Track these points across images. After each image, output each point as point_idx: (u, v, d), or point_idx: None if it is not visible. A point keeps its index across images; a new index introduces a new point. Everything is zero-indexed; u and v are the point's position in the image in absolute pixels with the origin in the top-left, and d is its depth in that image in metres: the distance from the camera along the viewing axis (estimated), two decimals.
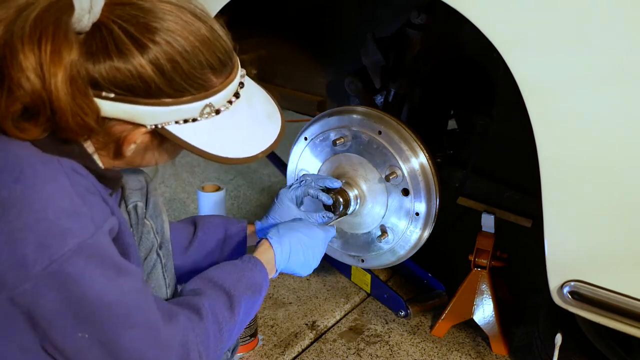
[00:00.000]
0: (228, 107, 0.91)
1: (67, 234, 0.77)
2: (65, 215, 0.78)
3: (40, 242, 0.76)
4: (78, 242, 0.78)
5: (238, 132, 0.94)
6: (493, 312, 1.70)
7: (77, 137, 0.84)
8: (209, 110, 0.88)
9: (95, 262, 0.80)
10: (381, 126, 1.46)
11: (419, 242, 1.54)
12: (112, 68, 0.81)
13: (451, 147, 1.87)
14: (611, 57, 1.04)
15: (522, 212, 1.62)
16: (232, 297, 1.04)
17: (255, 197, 2.85)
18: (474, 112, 1.79)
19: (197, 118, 0.88)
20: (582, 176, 1.13)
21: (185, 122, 0.87)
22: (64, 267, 0.77)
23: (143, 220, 1.26)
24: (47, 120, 0.80)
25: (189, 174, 3.12)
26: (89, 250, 0.79)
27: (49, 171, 0.79)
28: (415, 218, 1.49)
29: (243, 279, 1.08)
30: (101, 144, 0.90)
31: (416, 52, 1.61)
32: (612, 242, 1.15)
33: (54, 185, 0.78)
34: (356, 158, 1.52)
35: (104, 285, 0.81)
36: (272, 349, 1.72)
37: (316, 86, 2.01)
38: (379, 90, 1.75)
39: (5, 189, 0.76)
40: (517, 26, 1.11)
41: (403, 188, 1.48)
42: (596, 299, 1.20)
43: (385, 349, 1.75)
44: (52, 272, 0.76)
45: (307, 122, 1.60)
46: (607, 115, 1.07)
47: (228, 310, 1.02)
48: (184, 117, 0.87)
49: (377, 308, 1.95)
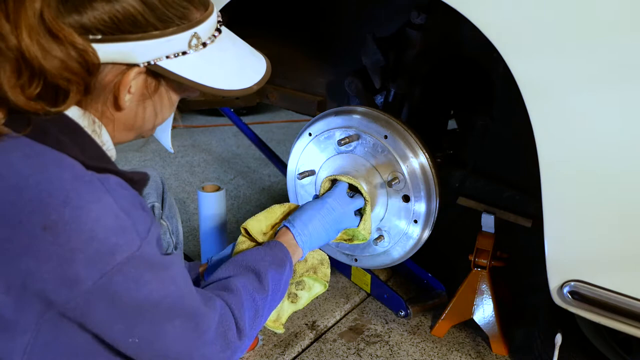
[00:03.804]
0: (214, 40, 0.93)
1: (116, 249, 0.80)
2: (112, 232, 0.80)
3: (91, 260, 0.78)
4: (127, 255, 0.81)
5: (229, 65, 0.96)
6: (493, 312, 1.71)
7: (72, 94, 0.83)
8: (196, 41, 0.89)
9: (143, 269, 0.83)
10: (388, 130, 1.45)
11: (415, 248, 1.55)
12: (96, 8, 0.81)
13: (451, 147, 1.87)
14: (611, 57, 1.03)
15: (522, 212, 1.62)
16: (259, 272, 1.09)
17: (255, 197, 2.85)
18: (474, 112, 1.79)
19: (187, 51, 0.89)
20: (582, 176, 1.13)
21: (175, 57, 0.88)
22: (114, 278, 0.80)
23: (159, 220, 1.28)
24: (33, 77, 0.79)
25: (189, 174, 3.12)
26: (137, 260, 0.82)
27: (93, 192, 0.81)
28: (413, 225, 1.50)
29: (266, 257, 1.14)
30: (100, 106, 0.90)
31: (416, 52, 1.61)
32: (612, 242, 1.15)
33: (99, 205, 0.80)
34: (360, 159, 1.51)
35: (151, 286, 0.84)
36: (272, 349, 1.72)
37: (316, 86, 2.01)
38: (379, 90, 1.75)
39: (54, 212, 0.77)
40: (517, 26, 1.11)
41: (404, 194, 1.48)
42: (596, 299, 1.20)
43: (385, 349, 1.75)
44: (102, 284, 0.79)
45: (313, 118, 1.59)
46: (607, 115, 1.07)
47: (258, 283, 1.08)
48: (174, 51, 0.88)
49: (377, 308, 1.95)
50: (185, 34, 0.88)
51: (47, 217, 0.77)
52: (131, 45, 0.84)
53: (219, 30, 0.95)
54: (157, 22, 0.85)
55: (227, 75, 0.95)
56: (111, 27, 0.82)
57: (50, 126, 0.83)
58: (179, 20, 0.87)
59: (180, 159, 3.34)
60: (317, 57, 1.97)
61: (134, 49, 0.84)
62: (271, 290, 1.09)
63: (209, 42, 0.92)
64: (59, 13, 0.79)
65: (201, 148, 3.55)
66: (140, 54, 0.85)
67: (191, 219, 2.59)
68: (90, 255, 0.78)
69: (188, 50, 0.89)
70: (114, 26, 0.82)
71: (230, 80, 0.95)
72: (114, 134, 0.94)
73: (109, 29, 0.82)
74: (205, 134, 3.82)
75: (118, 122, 0.93)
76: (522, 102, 1.13)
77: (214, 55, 0.93)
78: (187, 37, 0.88)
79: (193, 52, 0.90)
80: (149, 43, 0.85)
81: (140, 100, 0.92)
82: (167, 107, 0.98)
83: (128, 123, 0.94)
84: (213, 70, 0.92)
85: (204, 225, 2.03)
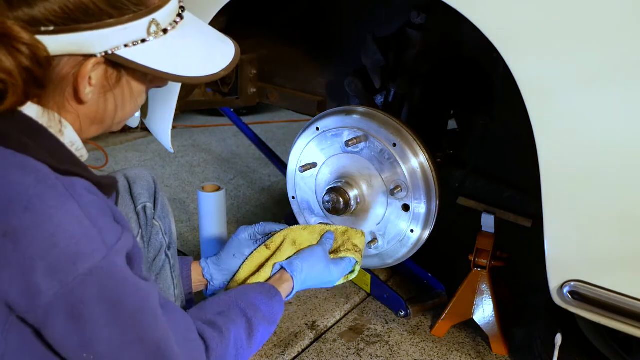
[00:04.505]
0: (175, 26, 0.90)
1: (78, 259, 0.77)
2: (74, 240, 0.77)
3: (51, 269, 0.75)
4: (89, 266, 0.78)
5: (193, 52, 0.92)
6: (493, 312, 1.70)
7: (9, 95, 0.80)
8: (155, 28, 0.86)
9: (107, 283, 0.79)
10: (397, 139, 1.45)
11: (408, 254, 1.55)
12: (46, 0, 0.79)
13: (451, 147, 1.87)
14: (612, 57, 1.03)
15: (522, 212, 1.62)
16: (252, 325, 1.07)
17: (255, 197, 2.85)
18: (474, 112, 1.79)
19: (146, 38, 0.86)
20: (582, 176, 1.12)
21: (134, 45, 0.85)
22: (75, 291, 0.77)
23: (152, 221, 1.27)
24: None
25: (189, 174, 3.12)
26: (101, 272, 0.79)
27: (56, 197, 0.78)
28: (409, 234, 1.50)
29: (263, 308, 1.11)
30: (59, 99, 0.86)
31: (416, 52, 1.61)
32: (612, 242, 1.15)
33: (61, 212, 0.77)
34: (365, 163, 1.51)
35: (114, 306, 0.80)
36: (272, 349, 1.72)
37: (316, 86, 2.00)
38: (379, 90, 1.75)
39: (15, 218, 0.75)
40: (517, 26, 1.11)
41: (404, 204, 1.48)
42: (596, 299, 1.20)
43: (385, 349, 1.75)
44: (62, 295, 0.76)
45: (322, 113, 1.59)
46: (607, 114, 1.07)
47: (247, 338, 1.05)
48: (132, 39, 0.85)
49: (377, 308, 1.95)
50: (143, 20, 0.85)
51: (8, 223, 0.74)
52: (86, 35, 0.81)
53: (180, 16, 0.91)
54: (112, 9, 0.82)
55: (192, 62, 0.91)
56: (63, 17, 0.79)
57: (10, 128, 0.80)
58: (135, 7, 0.84)
59: (180, 159, 3.34)
60: (317, 57, 1.97)
61: (89, 38, 0.81)
62: (255, 347, 1.08)
63: (169, 29, 0.89)
64: (6, 7, 0.77)
65: (201, 148, 3.55)
66: (96, 44, 0.82)
67: (191, 219, 2.59)
68: (50, 263, 0.75)
69: (147, 37, 0.86)
70: (65, 16, 0.79)
71: (195, 67, 0.92)
72: (81, 130, 0.91)
73: (60, 19, 0.79)
74: (205, 134, 3.82)
75: (82, 117, 0.90)
76: (522, 102, 1.13)
77: (177, 42, 0.89)
78: (144, 24, 0.85)
79: (153, 40, 0.86)
80: (104, 32, 0.82)
81: (101, 93, 0.89)
82: (131, 98, 0.94)
83: (92, 116, 0.91)
84: (176, 58, 0.89)
85: (204, 225, 2.03)
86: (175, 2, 0.91)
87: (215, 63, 0.94)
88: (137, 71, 0.88)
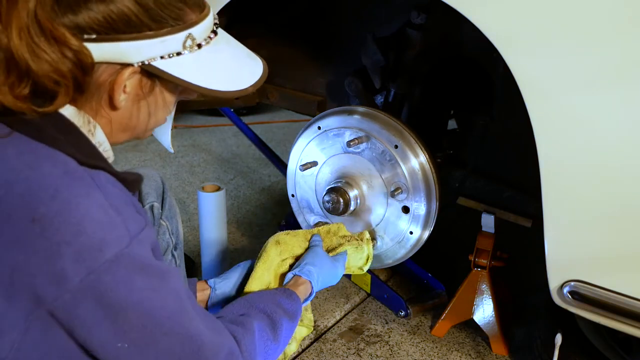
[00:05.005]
0: (209, 41, 0.93)
1: (104, 245, 0.79)
2: (100, 227, 0.79)
3: (78, 255, 0.77)
4: (115, 252, 0.80)
5: (224, 67, 0.96)
6: (493, 312, 1.70)
7: (60, 95, 0.83)
8: (190, 42, 0.90)
9: (133, 270, 0.81)
10: (399, 140, 1.45)
11: (407, 255, 1.55)
12: (90, 9, 0.82)
13: (451, 147, 1.87)
14: (612, 57, 1.03)
15: (522, 212, 1.62)
16: (274, 321, 1.10)
17: (255, 197, 2.85)
18: (474, 112, 1.79)
19: (181, 51, 0.89)
20: (582, 176, 1.13)
21: (170, 57, 0.88)
22: (102, 277, 0.79)
23: (159, 220, 1.27)
24: (22, 77, 0.80)
25: (189, 174, 3.12)
26: (126, 259, 0.81)
27: (83, 187, 0.81)
28: (408, 236, 1.50)
29: (283, 305, 1.15)
30: (95, 104, 0.90)
31: (416, 52, 1.61)
32: (612, 242, 1.15)
33: (88, 200, 0.80)
34: (366, 163, 1.51)
35: (143, 292, 0.82)
36: None
37: (316, 86, 2.00)
38: (379, 90, 1.75)
39: (43, 206, 0.77)
40: (517, 26, 1.11)
41: (404, 205, 1.48)
42: (596, 299, 1.20)
43: (385, 349, 1.75)
44: (90, 282, 0.78)
45: (324, 112, 1.59)
46: (607, 115, 1.07)
47: (271, 332, 1.08)
48: (168, 51, 0.88)
49: (377, 308, 1.95)
50: (180, 34, 0.88)
51: (36, 210, 0.77)
52: (125, 45, 0.84)
53: (214, 32, 0.95)
54: (151, 22, 0.85)
55: (222, 77, 0.95)
56: (105, 27, 0.83)
57: (46, 124, 0.84)
58: (173, 21, 0.87)
59: (180, 159, 3.34)
60: (317, 57, 1.97)
61: (127, 48, 0.85)
62: (282, 341, 1.10)
63: (204, 44, 0.92)
64: (53, 13, 0.80)
65: (201, 148, 3.55)
66: (134, 54, 0.86)
67: (191, 219, 2.59)
68: (77, 249, 0.77)
69: (182, 51, 0.89)
70: (108, 26, 0.83)
71: (226, 81, 0.95)
72: (111, 134, 0.94)
73: (103, 28, 0.83)
74: (205, 134, 3.82)
75: (114, 122, 0.93)
76: (522, 102, 1.13)
77: (210, 57, 0.93)
78: (181, 38, 0.88)
79: (188, 53, 0.90)
80: (142, 43, 0.85)
81: (135, 100, 0.93)
82: (162, 108, 0.98)
83: (123, 123, 0.95)
84: (208, 72, 0.93)
85: (204, 225, 2.03)
86: (211, 19, 0.94)
87: (244, 79, 0.98)
88: (170, 82, 0.92)
